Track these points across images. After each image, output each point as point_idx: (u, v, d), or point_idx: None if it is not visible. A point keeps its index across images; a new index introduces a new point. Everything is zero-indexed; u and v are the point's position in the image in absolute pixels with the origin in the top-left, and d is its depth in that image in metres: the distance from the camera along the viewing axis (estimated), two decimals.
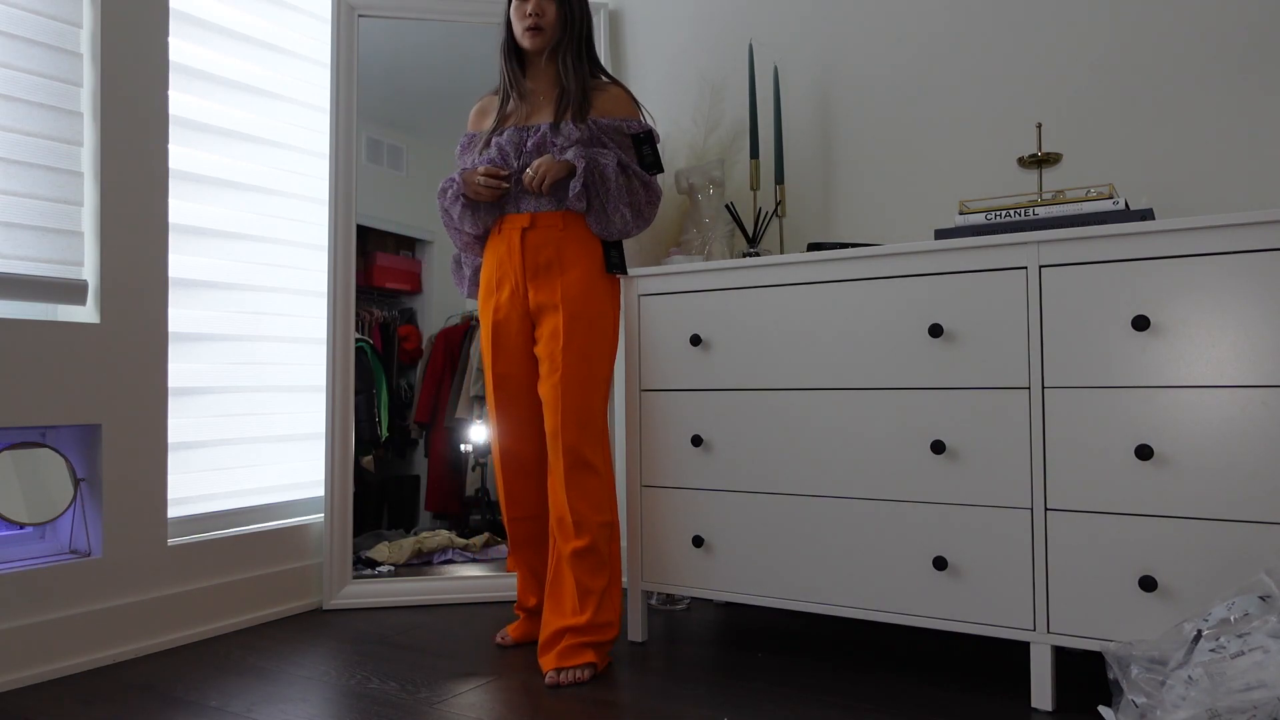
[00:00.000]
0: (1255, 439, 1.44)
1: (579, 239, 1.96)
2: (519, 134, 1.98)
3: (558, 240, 1.94)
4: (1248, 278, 1.45)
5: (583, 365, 1.92)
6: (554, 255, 1.94)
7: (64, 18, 1.96)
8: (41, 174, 1.92)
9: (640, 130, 1.99)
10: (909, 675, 1.81)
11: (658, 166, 2.00)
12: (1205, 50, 1.93)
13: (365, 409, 2.56)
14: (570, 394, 1.90)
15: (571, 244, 1.95)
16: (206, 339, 2.28)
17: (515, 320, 1.99)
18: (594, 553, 1.87)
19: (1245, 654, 1.21)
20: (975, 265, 1.67)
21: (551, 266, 1.95)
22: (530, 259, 1.95)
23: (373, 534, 2.58)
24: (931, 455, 1.71)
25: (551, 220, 1.95)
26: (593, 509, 1.89)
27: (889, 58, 2.29)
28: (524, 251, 1.95)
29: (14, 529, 1.90)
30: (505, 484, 2.06)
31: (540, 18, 1.95)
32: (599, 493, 1.91)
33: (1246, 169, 1.89)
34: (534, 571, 2.09)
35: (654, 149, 2.00)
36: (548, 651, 1.85)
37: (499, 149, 1.97)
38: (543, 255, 1.95)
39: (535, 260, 1.95)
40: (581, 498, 1.89)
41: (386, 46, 2.58)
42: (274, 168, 2.47)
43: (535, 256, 1.95)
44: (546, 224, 1.95)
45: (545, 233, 1.95)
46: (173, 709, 1.65)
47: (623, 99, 2.02)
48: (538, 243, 1.95)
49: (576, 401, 1.91)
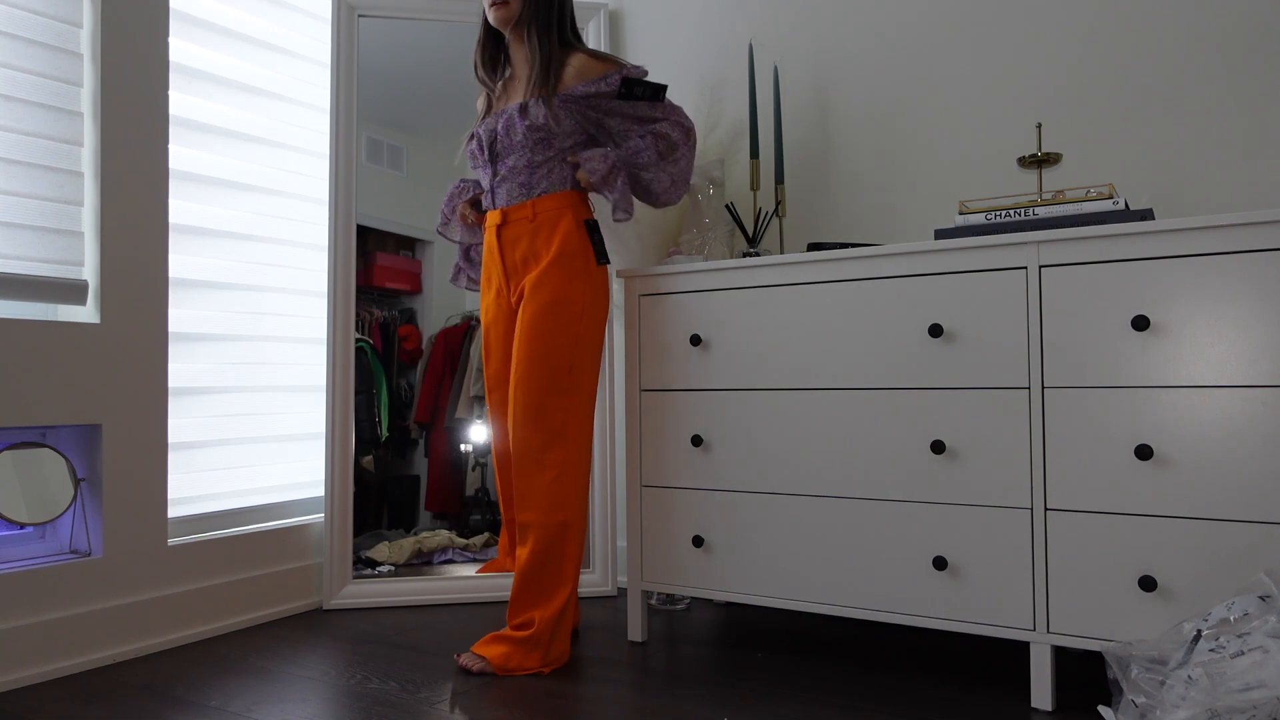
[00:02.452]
0: (1255, 439, 1.44)
1: (549, 226, 1.91)
2: (494, 120, 1.96)
3: (530, 233, 1.92)
4: (1248, 278, 1.45)
5: (540, 360, 1.87)
6: (528, 249, 1.93)
7: (64, 18, 1.96)
8: (41, 174, 1.92)
9: (621, 78, 1.89)
10: (909, 675, 1.81)
11: (658, 94, 1.92)
12: (1205, 50, 1.93)
13: (365, 409, 2.56)
14: (523, 389, 1.87)
15: (542, 233, 1.92)
16: (206, 339, 2.28)
17: (501, 321, 2.00)
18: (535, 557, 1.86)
19: (1245, 654, 1.21)
20: (975, 265, 1.67)
21: (528, 261, 1.93)
22: (509, 256, 1.95)
23: (373, 534, 2.58)
24: (932, 455, 1.71)
25: (521, 212, 1.93)
26: (541, 510, 1.86)
27: (889, 58, 2.29)
28: (502, 250, 1.96)
29: (14, 529, 1.90)
30: (500, 485, 2.09)
31: None
32: (547, 492, 1.86)
33: (1246, 169, 1.89)
34: None
35: (646, 84, 1.91)
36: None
37: (477, 141, 1.99)
38: (518, 251, 1.94)
39: (513, 257, 1.95)
40: (530, 497, 1.86)
41: (386, 46, 2.58)
42: (274, 168, 2.47)
43: (512, 253, 1.95)
44: (517, 217, 1.93)
45: (517, 226, 1.94)
46: (173, 709, 1.65)
47: (588, 63, 1.92)
48: (512, 238, 1.95)
49: (528, 397, 1.87)
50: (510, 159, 1.94)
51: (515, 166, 1.93)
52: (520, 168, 1.93)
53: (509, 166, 1.94)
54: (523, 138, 1.90)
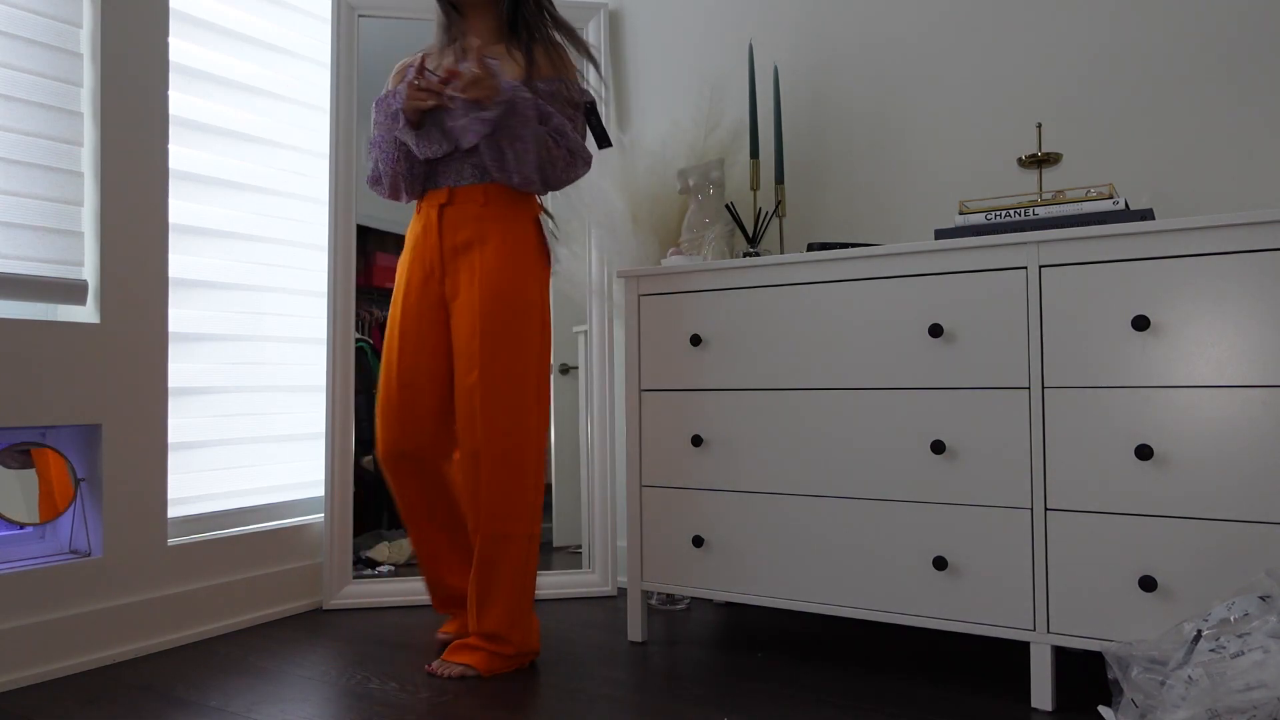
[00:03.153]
0: (1255, 439, 1.44)
1: (502, 217, 1.81)
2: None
3: (477, 217, 1.81)
4: (1248, 278, 1.45)
5: (503, 360, 1.78)
6: (474, 235, 1.80)
7: (64, 18, 1.96)
8: (41, 174, 1.92)
9: (587, 101, 1.85)
10: (909, 675, 1.81)
11: (607, 140, 1.90)
12: (1205, 50, 1.93)
13: (365, 409, 2.56)
14: (490, 395, 1.77)
15: (493, 222, 1.80)
16: (206, 339, 2.28)
17: (427, 311, 1.86)
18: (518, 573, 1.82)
19: (1245, 654, 1.21)
20: (975, 265, 1.67)
21: (471, 247, 1.80)
22: (448, 239, 1.82)
23: (373, 534, 2.58)
24: (931, 455, 1.71)
25: (471, 195, 1.81)
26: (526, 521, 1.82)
27: (889, 58, 2.29)
28: (441, 231, 1.82)
29: (14, 529, 1.90)
30: (414, 495, 1.95)
31: None
32: (531, 504, 1.83)
33: (1246, 169, 1.89)
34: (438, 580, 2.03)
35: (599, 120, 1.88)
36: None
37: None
38: (461, 235, 1.81)
39: (453, 241, 1.81)
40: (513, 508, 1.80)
41: (386, 46, 2.57)
42: (274, 168, 2.47)
43: (453, 236, 1.81)
44: (465, 199, 1.81)
45: (464, 208, 1.81)
46: (173, 709, 1.65)
47: (550, 58, 1.86)
48: (456, 220, 1.81)
49: (502, 402, 1.78)
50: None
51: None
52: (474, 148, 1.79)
53: None
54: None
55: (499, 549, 1.81)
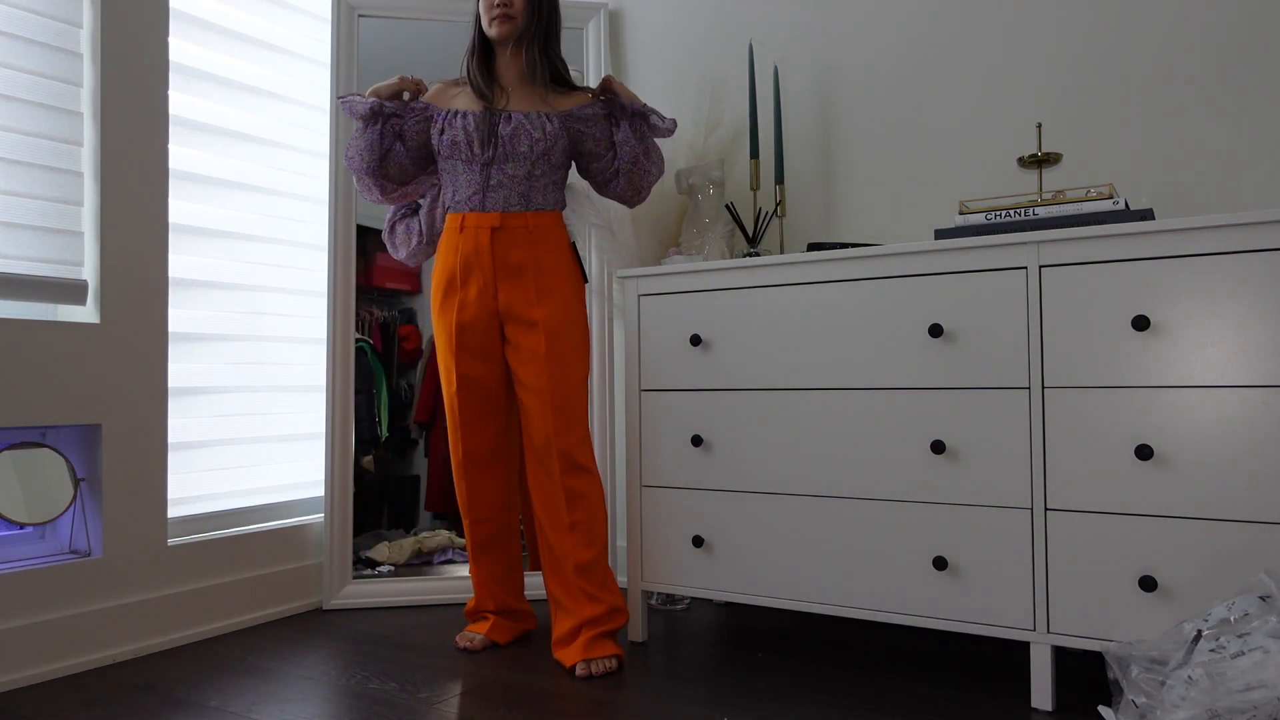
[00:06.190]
0: (1255, 439, 1.44)
1: (548, 241, 1.97)
2: (490, 115, 1.94)
3: (528, 242, 1.94)
4: (1248, 278, 1.45)
5: (567, 373, 1.94)
6: (526, 258, 1.94)
7: (64, 18, 1.96)
8: (41, 174, 1.92)
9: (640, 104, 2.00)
10: (909, 675, 1.81)
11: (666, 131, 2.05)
12: (1205, 50, 1.93)
13: (365, 409, 2.56)
14: (559, 403, 1.92)
15: (544, 248, 1.96)
16: (206, 339, 2.28)
17: (483, 320, 1.96)
18: (600, 562, 1.93)
19: (1245, 654, 1.21)
20: (975, 265, 1.67)
21: (525, 269, 1.94)
22: (500, 259, 1.94)
23: (373, 534, 2.58)
24: (932, 455, 1.71)
25: (521, 221, 1.95)
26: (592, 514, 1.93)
27: (889, 57, 2.29)
28: (494, 252, 1.94)
29: (14, 529, 1.90)
30: (469, 485, 2.03)
31: (509, 7, 1.94)
32: (596, 496, 1.95)
33: (1246, 169, 1.89)
34: (494, 576, 2.07)
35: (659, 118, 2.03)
36: (568, 645, 1.88)
37: (464, 130, 1.93)
38: (514, 256, 1.94)
39: (506, 261, 1.94)
40: (592, 530, 1.93)
41: (386, 46, 2.57)
42: (274, 168, 2.47)
43: (506, 257, 1.94)
44: (516, 224, 1.94)
45: (515, 234, 1.94)
46: (173, 709, 1.65)
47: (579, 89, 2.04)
48: (508, 244, 1.94)
49: (566, 410, 1.93)
50: (510, 166, 1.94)
51: (514, 175, 1.94)
52: (520, 177, 1.94)
53: (506, 173, 1.94)
54: (528, 148, 1.92)
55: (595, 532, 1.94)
